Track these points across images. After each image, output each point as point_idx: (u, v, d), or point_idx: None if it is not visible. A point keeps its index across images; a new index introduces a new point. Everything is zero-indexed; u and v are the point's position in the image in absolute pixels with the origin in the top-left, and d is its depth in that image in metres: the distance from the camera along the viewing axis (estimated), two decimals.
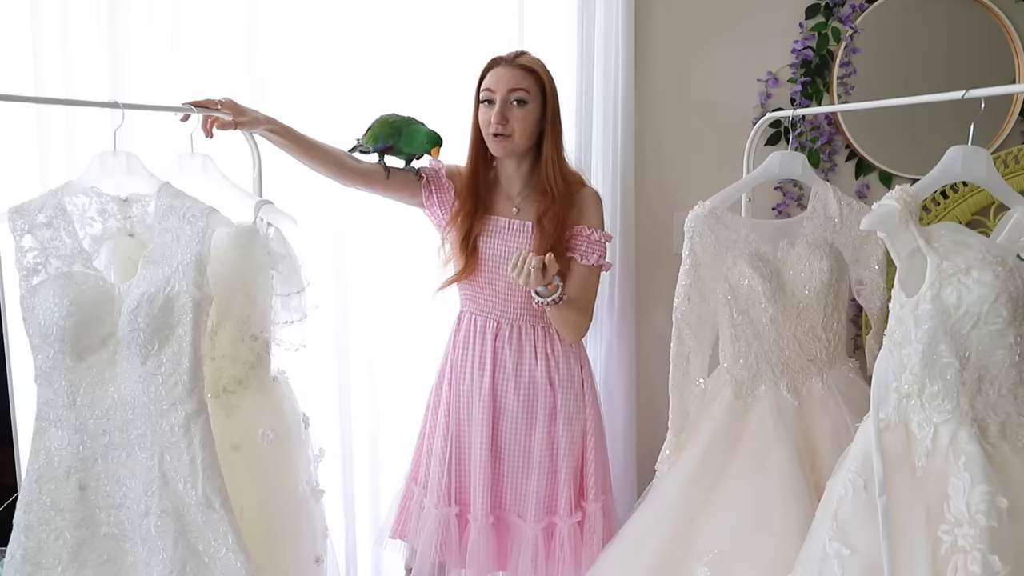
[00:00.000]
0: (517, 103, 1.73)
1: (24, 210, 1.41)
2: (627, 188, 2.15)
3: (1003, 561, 1.17)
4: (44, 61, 1.99)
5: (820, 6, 2.21)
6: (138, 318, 1.34)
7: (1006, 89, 1.42)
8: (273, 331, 1.66)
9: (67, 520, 1.40)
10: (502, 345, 1.81)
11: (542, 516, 1.81)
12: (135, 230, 1.53)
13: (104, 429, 1.40)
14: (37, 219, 1.40)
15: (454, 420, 1.85)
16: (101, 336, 1.38)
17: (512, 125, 1.73)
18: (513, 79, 1.73)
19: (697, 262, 1.77)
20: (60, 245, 1.40)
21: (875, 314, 1.92)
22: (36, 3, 1.97)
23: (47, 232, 1.40)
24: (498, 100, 1.73)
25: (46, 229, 1.40)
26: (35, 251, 1.39)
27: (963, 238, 1.32)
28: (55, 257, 1.39)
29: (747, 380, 1.77)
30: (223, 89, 1.74)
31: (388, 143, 1.80)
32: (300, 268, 1.68)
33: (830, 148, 2.27)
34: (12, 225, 1.40)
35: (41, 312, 1.36)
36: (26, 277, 1.39)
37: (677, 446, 1.79)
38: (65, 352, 1.37)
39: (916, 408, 1.32)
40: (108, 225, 1.50)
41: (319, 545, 1.72)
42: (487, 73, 1.77)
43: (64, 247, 1.39)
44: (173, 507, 1.37)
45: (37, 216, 1.40)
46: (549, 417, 1.81)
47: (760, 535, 1.60)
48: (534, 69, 1.76)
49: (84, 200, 1.48)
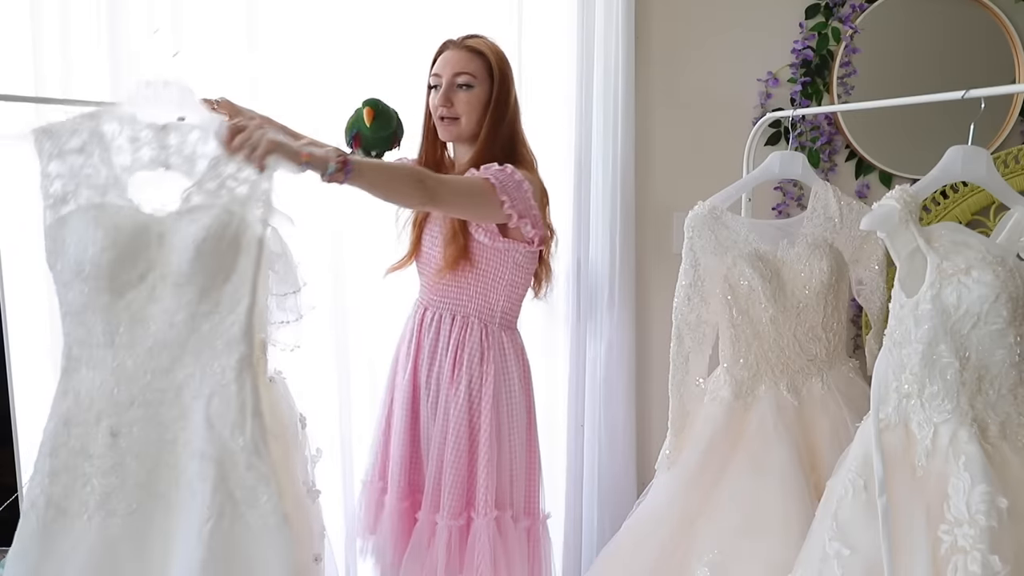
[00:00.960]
0: (463, 87, 1.69)
1: (53, 132, 1.28)
2: (627, 188, 2.15)
3: (1003, 561, 1.17)
4: (44, 61, 1.99)
5: (820, 6, 2.21)
6: (203, 253, 1.25)
7: (1006, 89, 1.43)
8: (269, 331, 1.66)
9: (96, 467, 1.29)
10: (423, 333, 1.79)
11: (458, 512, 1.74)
12: (171, 161, 1.35)
13: (145, 370, 1.29)
14: (69, 144, 1.28)
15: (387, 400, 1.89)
16: (140, 272, 1.28)
17: (457, 108, 1.70)
18: (459, 62, 1.70)
19: (696, 262, 1.77)
20: (93, 173, 1.27)
21: (875, 314, 1.91)
22: (36, 3, 1.97)
23: (79, 158, 1.28)
24: (443, 83, 1.71)
25: (78, 155, 1.28)
26: (63, 178, 1.27)
27: (963, 238, 1.32)
28: (87, 187, 1.27)
29: (747, 380, 1.77)
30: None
31: (353, 132, 1.80)
32: (296, 268, 1.67)
33: (830, 148, 2.27)
34: (39, 147, 1.28)
35: (72, 246, 1.25)
36: (53, 206, 1.27)
37: (677, 446, 1.79)
38: (100, 289, 1.26)
39: (916, 408, 1.32)
40: (139, 155, 1.34)
41: (316, 544, 1.72)
42: (437, 57, 1.75)
43: (98, 176, 1.27)
44: (215, 453, 1.28)
45: (69, 140, 1.28)
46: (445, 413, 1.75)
47: (760, 535, 1.60)
48: (481, 51, 1.71)
49: (115, 127, 1.33)
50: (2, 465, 1.76)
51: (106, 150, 1.29)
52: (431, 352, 1.78)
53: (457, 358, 1.74)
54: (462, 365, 1.73)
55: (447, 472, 1.73)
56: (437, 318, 1.78)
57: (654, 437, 1.81)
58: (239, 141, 1.24)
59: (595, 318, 2.20)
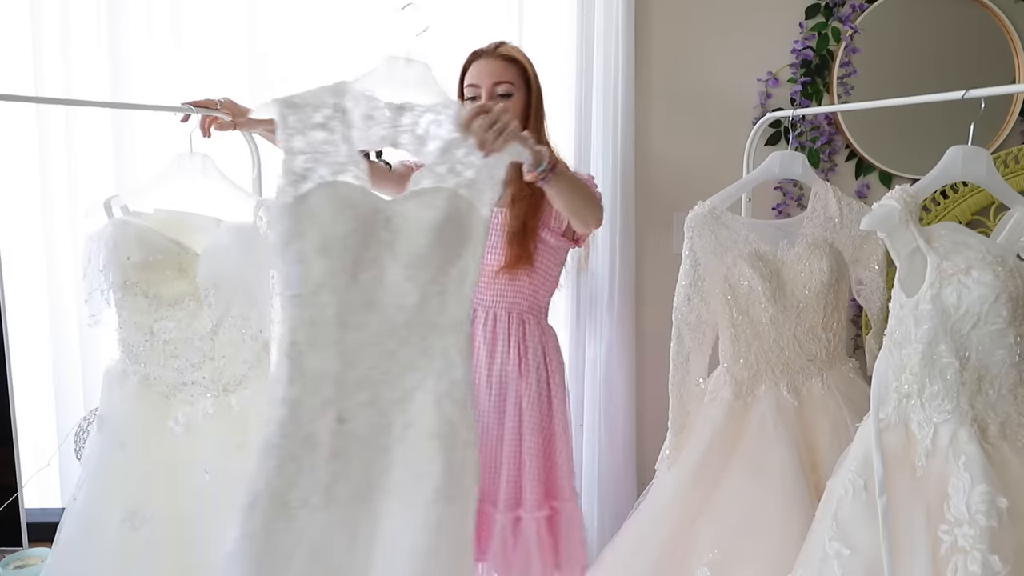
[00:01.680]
0: (504, 95, 1.74)
1: (298, 105, 1.23)
2: (627, 188, 2.15)
3: (1003, 561, 1.18)
4: (44, 61, 1.99)
5: (820, 6, 2.21)
6: (442, 236, 1.25)
7: (1006, 89, 1.42)
8: (273, 330, 1.66)
9: (321, 455, 1.24)
10: (477, 333, 1.80)
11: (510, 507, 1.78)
12: (400, 140, 1.34)
13: (372, 352, 1.27)
14: (313, 118, 1.23)
15: None
16: (373, 254, 1.24)
17: None
18: (496, 71, 1.74)
19: (697, 262, 1.77)
20: (333, 151, 1.23)
21: (875, 314, 1.92)
22: (36, 3, 1.97)
23: (321, 134, 1.23)
24: (483, 94, 1.74)
25: (320, 131, 1.23)
26: (305, 155, 1.22)
27: (963, 238, 1.32)
28: (325, 164, 1.22)
29: (747, 380, 1.77)
30: (223, 89, 1.74)
31: None
32: None
33: (830, 148, 2.27)
34: (283, 122, 1.22)
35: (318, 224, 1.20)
36: (293, 183, 1.20)
37: (677, 446, 1.79)
38: (342, 269, 1.22)
39: (916, 408, 1.32)
40: (370, 133, 1.32)
41: None
42: (469, 67, 1.78)
43: (338, 153, 1.23)
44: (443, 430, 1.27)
45: (313, 115, 1.23)
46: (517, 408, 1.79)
47: (760, 535, 1.60)
48: (516, 58, 1.77)
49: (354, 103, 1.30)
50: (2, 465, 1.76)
51: (348, 127, 1.25)
52: (489, 352, 1.80)
53: (522, 353, 1.79)
54: (528, 359, 1.79)
55: (527, 466, 1.77)
56: (492, 317, 1.81)
57: (654, 437, 1.81)
58: (484, 123, 1.24)
59: (595, 318, 2.20)
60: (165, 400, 1.62)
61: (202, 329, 1.59)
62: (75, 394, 2.11)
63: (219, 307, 1.57)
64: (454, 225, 1.26)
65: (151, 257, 1.58)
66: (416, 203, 1.25)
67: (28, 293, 2.07)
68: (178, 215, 1.68)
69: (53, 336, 2.11)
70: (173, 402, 1.62)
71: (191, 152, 1.66)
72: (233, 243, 1.58)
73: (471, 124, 1.25)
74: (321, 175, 1.21)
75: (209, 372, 1.60)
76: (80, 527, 1.56)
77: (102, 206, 1.62)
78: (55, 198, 2.05)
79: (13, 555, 1.82)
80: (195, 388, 1.61)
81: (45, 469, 1.91)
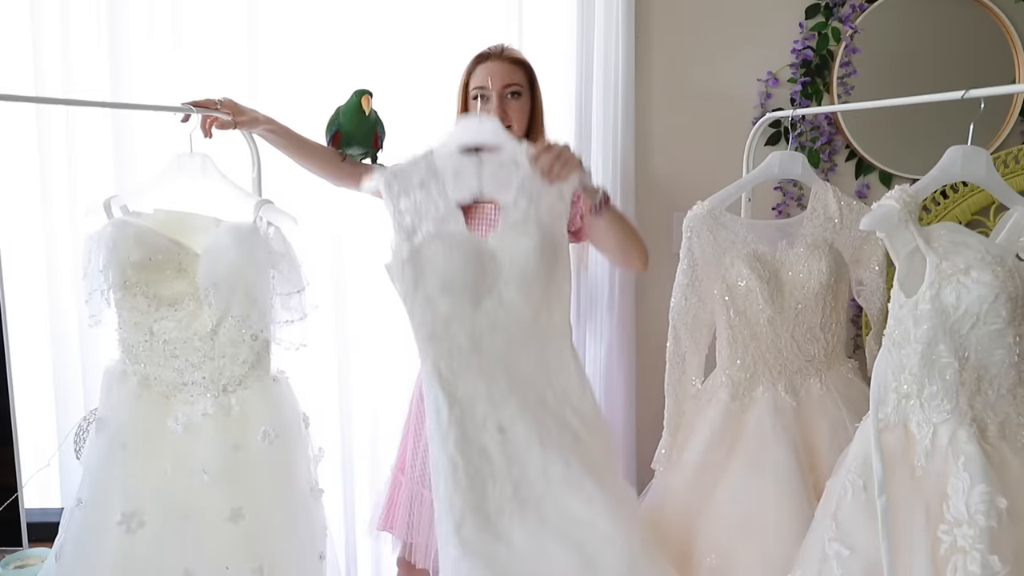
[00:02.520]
0: (512, 96, 1.79)
1: (399, 173, 1.49)
2: (627, 188, 2.15)
3: (1002, 561, 1.18)
4: (44, 61, 1.99)
5: (820, 6, 2.21)
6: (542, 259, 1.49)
7: (1006, 89, 1.42)
8: (273, 330, 1.66)
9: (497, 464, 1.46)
10: None
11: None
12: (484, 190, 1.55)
13: (505, 367, 1.50)
14: (411, 181, 1.48)
15: None
16: (488, 283, 1.49)
17: (511, 117, 1.78)
18: (505, 74, 1.78)
19: (695, 262, 1.77)
20: (434, 207, 1.48)
21: (875, 315, 1.91)
22: (36, 3, 1.97)
23: (420, 193, 1.48)
24: (494, 96, 1.77)
25: (419, 190, 1.48)
26: (411, 212, 1.47)
27: (962, 238, 1.32)
28: (428, 218, 1.47)
29: (744, 381, 1.77)
30: (222, 89, 1.74)
31: (333, 129, 1.82)
32: (300, 267, 1.68)
33: (830, 148, 2.27)
34: (389, 189, 1.48)
35: (436, 268, 1.45)
36: (407, 238, 1.47)
37: (673, 445, 1.79)
38: (465, 300, 1.47)
39: (915, 408, 1.32)
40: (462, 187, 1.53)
41: (319, 542, 1.73)
42: (474, 69, 1.81)
43: (437, 208, 1.48)
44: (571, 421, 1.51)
45: (411, 178, 1.48)
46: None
47: (758, 536, 1.60)
48: (522, 61, 1.83)
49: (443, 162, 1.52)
50: (2, 465, 1.76)
51: (441, 184, 1.50)
52: None
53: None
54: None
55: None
56: None
57: (654, 438, 1.80)
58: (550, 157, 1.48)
59: (595, 319, 2.20)
60: (165, 400, 1.62)
61: (202, 329, 1.59)
62: (75, 394, 2.11)
63: (219, 307, 1.58)
64: (547, 245, 1.50)
65: (151, 257, 1.58)
66: (512, 234, 1.50)
67: (28, 293, 2.07)
68: (178, 215, 1.68)
69: (53, 336, 2.11)
70: (173, 402, 1.62)
71: (191, 152, 1.66)
72: (233, 243, 1.58)
73: (539, 158, 1.49)
74: (427, 228, 1.47)
75: (209, 372, 1.61)
76: (80, 527, 1.56)
77: (102, 206, 1.62)
78: (55, 198, 2.05)
79: (13, 555, 1.82)
80: (195, 388, 1.61)
81: (45, 469, 1.91)
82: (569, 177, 1.50)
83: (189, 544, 1.55)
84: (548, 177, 1.49)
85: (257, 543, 1.58)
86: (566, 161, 1.48)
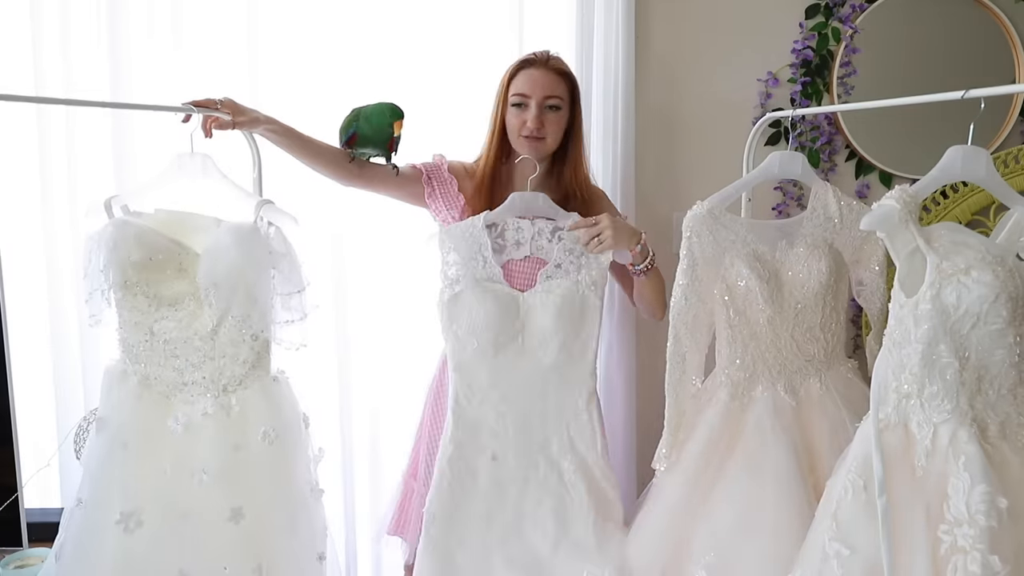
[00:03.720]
0: (552, 108, 1.77)
1: (452, 233, 1.73)
2: (627, 188, 2.15)
3: (1003, 561, 1.18)
4: (44, 61, 1.99)
5: (820, 6, 2.21)
6: (563, 315, 1.69)
7: (1006, 89, 1.42)
8: (273, 330, 1.67)
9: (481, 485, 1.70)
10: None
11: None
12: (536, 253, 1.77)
13: (519, 407, 1.71)
14: (462, 240, 1.72)
15: None
16: (513, 332, 1.70)
17: (546, 129, 1.77)
18: (548, 85, 1.76)
19: (695, 262, 1.76)
20: (475, 267, 1.71)
21: (875, 315, 1.91)
22: (36, 3, 1.97)
23: (467, 251, 1.71)
24: (534, 105, 1.75)
25: (467, 248, 1.71)
26: (457, 265, 1.71)
27: (963, 238, 1.32)
28: (470, 273, 1.71)
29: (743, 381, 1.77)
30: (223, 89, 1.74)
31: (351, 131, 1.79)
32: (301, 267, 1.69)
33: (830, 148, 2.27)
34: (441, 243, 1.72)
35: (469, 314, 1.68)
36: (449, 286, 1.71)
37: (673, 444, 1.79)
38: (489, 344, 1.68)
39: (916, 408, 1.32)
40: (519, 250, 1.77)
41: (320, 543, 1.73)
42: (517, 74, 1.78)
43: (477, 269, 1.71)
44: (580, 465, 1.71)
45: (463, 238, 1.72)
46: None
47: (758, 536, 1.60)
48: (567, 73, 1.80)
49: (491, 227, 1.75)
50: (2, 465, 1.76)
51: (485, 249, 1.72)
52: None
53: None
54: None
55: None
56: None
57: (654, 438, 1.80)
58: (586, 234, 1.71)
59: None
60: (165, 400, 1.62)
61: (202, 329, 1.59)
62: (75, 394, 2.11)
63: (219, 307, 1.58)
64: (571, 307, 1.69)
65: (152, 257, 1.58)
66: (544, 292, 1.71)
67: (28, 293, 2.07)
68: (178, 215, 1.68)
69: (53, 336, 2.10)
70: (173, 402, 1.62)
71: (192, 152, 1.66)
72: (233, 243, 1.58)
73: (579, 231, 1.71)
74: (468, 280, 1.70)
75: (209, 372, 1.61)
76: (80, 527, 1.56)
77: (102, 206, 1.62)
78: (55, 198, 2.05)
79: (13, 555, 1.81)
80: (195, 388, 1.61)
81: (45, 469, 1.91)
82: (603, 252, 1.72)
83: (188, 544, 1.55)
84: (586, 249, 1.71)
85: (257, 543, 1.58)
86: (600, 240, 1.69)
